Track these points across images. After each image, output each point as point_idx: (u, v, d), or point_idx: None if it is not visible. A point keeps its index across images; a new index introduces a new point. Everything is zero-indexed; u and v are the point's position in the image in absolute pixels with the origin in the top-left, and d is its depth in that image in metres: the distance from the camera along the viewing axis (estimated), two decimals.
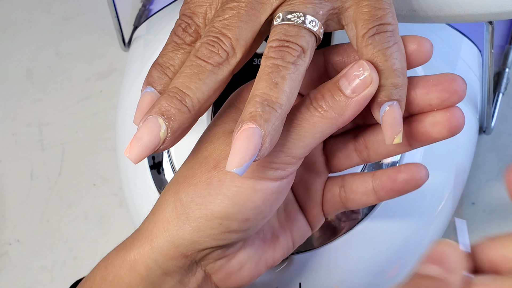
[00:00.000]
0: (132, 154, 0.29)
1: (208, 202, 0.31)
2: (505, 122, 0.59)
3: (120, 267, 0.33)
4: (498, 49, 0.60)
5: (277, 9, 0.31)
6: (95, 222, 0.59)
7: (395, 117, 0.31)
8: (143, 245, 0.32)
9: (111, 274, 0.33)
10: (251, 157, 0.28)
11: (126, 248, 0.33)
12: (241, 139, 0.28)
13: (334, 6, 0.32)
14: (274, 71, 0.29)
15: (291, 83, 0.29)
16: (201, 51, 0.31)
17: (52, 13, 0.71)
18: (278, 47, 0.30)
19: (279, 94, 0.29)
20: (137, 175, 0.49)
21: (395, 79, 0.31)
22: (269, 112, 0.29)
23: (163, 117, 0.30)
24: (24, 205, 0.60)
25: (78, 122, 0.64)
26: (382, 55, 0.30)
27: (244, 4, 0.31)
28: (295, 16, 0.30)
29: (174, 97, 0.30)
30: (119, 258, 0.33)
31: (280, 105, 0.29)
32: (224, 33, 0.31)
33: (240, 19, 0.31)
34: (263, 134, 0.28)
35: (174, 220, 0.32)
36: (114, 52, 0.67)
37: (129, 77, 0.53)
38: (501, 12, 0.37)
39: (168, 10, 0.54)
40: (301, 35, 0.30)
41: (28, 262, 0.58)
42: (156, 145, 0.30)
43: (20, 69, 0.68)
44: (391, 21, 0.31)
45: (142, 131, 0.29)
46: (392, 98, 0.31)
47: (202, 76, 0.30)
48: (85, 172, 0.61)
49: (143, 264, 0.32)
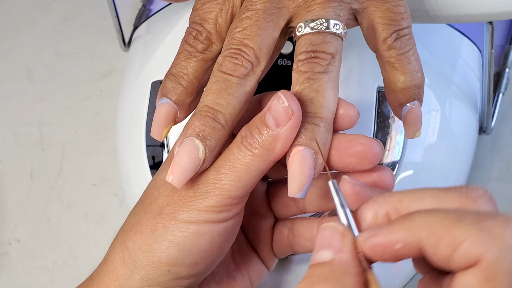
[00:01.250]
0: (174, 179, 0.29)
1: (155, 249, 0.30)
2: (505, 122, 0.59)
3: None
4: (498, 49, 0.60)
5: (295, 14, 0.32)
6: (95, 222, 0.59)
7: (417, 115, 0.33)
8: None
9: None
10: (309, 178, 0.29)
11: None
12: (295, 163, 0.29)
13: (352, 7, 0.32)
14: (307, 87, 0.30)
15: (326, 93, 0.30)
16: (225, 65, 0.30)
17: (52, 13, 0.71)
18: (306, 59, 0.30)
19: (317, 109, 0.30)
20: (137, 175, 0.49)
21: (417, 80, 0.32)
22: (312, 129, 0.30)
23: (199, 137, 0.30)
24: (24, 205, 0.60)
25: (78, 122, 0.64)
26: (405, 58, 0.32)
27: (261, 11, 0.31)
28: (318, 24, 0.31)
29: (207, 115, 0.30)
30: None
31: (321, 118, 0.30)
32: (246, 44, 0.31)
33: (260, 27, 0.31)
34: (313, 153, 0.29)
35: (122, 269, 0.31)
36: (114, 52, 0.67)
37: (129, 77, 0.53)
38: (501, 12, 0.37)
39: (168, 10, 0.54)
40: (328, 41, 0.31)
41: (28, 262, 0.58)
42: (197, 166, 0.30)
43: (20, 69, 0.68)
44: (409, 24, 0.32)
45: (181, 154, 0.29)
46: (414, 99, 0.33)
47: (230, 91, 0.30)
48: (85, 172, 0.61)
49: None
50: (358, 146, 0.30)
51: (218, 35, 0.33)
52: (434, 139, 0.47)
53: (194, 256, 0.30)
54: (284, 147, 0.29)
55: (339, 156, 0.31)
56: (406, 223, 0.25)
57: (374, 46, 0.34)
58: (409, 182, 0.45)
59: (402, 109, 0.34)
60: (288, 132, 0.29)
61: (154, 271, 0.30)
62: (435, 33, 0.50)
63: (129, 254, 0.31)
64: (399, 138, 0.45)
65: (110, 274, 0.32)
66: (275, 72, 0.38)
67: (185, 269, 0.31)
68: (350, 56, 0.45)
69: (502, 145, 0.58)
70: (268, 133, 0.29)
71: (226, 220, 0.31)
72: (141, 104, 0.49)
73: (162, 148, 0.47)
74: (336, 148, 0.31)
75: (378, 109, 0.45)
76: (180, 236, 0.30)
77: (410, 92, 0.33)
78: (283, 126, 0.29)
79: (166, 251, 0.30)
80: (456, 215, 0.24)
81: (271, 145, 0.29)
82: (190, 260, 0.30)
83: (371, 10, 0.32)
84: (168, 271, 0.30)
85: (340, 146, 0.31)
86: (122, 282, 0.31)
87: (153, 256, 0.30)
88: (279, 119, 0.29)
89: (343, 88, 0.46)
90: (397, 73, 0.33)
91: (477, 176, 0.57)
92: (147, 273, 0.31)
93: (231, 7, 0.32)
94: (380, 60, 0.34)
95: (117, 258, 0.32)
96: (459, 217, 0.24)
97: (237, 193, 0.30)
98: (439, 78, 0.49)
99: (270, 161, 0.30)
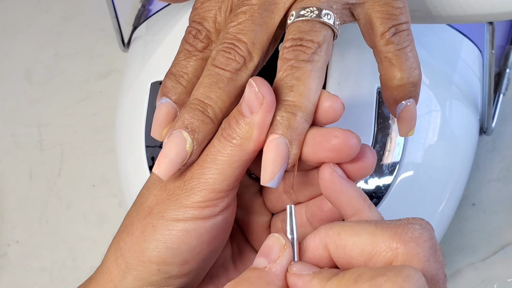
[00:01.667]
0: (160, 171, 0.29)
1: (144, 249, 0.30)
2: (505, 122, 0.59)
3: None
4: (499, 50, 0.60)
5: (290, 7, 0.31)
6: (94, 223, 0.59)
7: (411, 114, 0.33)
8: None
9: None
10: (281, 167, 0.29)
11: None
12: (268, 151, 0.29)
13: (349, 2, 0.32)
14: (289, 74, 0.29)
15: (308, 81, 0.29)
16: (218, 59, 0.30)
17: (51, 14, 0.71)
18: (291, 47, 0.30)
19: (296, 97, 0.29)
20: (136, 176, 0.49)
21: (414, 78, 0.32)
22: (288, 118, 0.29)
23: (187, 130, 0.30)
24: (23, 206, 0.60)
25: (77, 123, 0.64)
26: (403, 53, 0.31)
27: (256, 6, 0.31)
28: (308, 11, 0.30)
29: (196, 108, 0.30)
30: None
31: (299, 108, 0.29)
32: (239, 38, 0.30)
33: (254, 22, 0.31)
34: (288, 142, 0.29)
35: (115, 270, 0.31)
36: (113, 52, 0.67)
37: (129, 78, 0.53)
38: (502, 12, 0.37)
39: (167, 10, 0.54)
40: (316, 29, 0.30)
41: (27, 263, 0.57)
42: (183, 158, 0.30)
43: (19, 70, 0.68)
44: (407, 19, 0.32)
45: (168, 146, 0.29)
46: (410, 96, 0.32)
47: (222, 85, 0.30)
48: (84, 173, 0.61)
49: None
50: (332, 140, 0.29)
51: (218, 33, 0.32)
52: (434, 140, 0.47)
53: (183, 254, 0.30)
54: (260, 134, 0.29)
55: (314, 151, 0.30)
56: (322, 282, 0.26)
57: (371, 42, 0.33)
58: (409, 183, 0.45)
59: (397, 107, 0.33)
60: (262, 117, 0.29)
61: (145, 271, 0.30)
62: (435, 34, 0.50)
63: (121, 255, 0.31)
64: (399, 139, 0.45)
65: (105, 275, 0.32)
66: (275, 67, 0.37)
67: (175, 267, 0.31)
68: (350, 56, 0.45)
69: (502, 146, 0.58)
70: (245, 121, 0.29)
71: (213, 215, 0.30)
72: (140, 105, 0.49)
73: (161, 148, 0.47)
74: (311, 143, 0.30)
75: (378, 110, 0.45)
76: (167, 234, 0.30)
77: (406, 90, 0.32)
78: (256, 113, 0.29)
79: (154, 250, 0.30)
80: (355, 276, 0.25)
81: (248, 133, 0.29)
82: (180, 259, 0.30)
83: (368, 4, 0.32)
84: (159, 270, 0.30)
85: (315, 140, 0.30)
86: (116, 283, 0.31)
87: (143, 256, 0.30)
88: (252, 105, 0.29)
89: (343, 89, 0.46)
90: (394, 69, 0.32)
91: (477, 177, 0.57)
92: (138, 273, 0.31)
93: (230, 5, 0.32)
94: (377, 56, 0.33)
95: (111, 259, 0.32)
96: (357, 278, 0.24)
97: (221, 187, 0.30)
98: (440, 79, 0.49)
99: (250, 150, 0.29)
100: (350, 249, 0.26)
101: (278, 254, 0.27)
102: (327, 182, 0.30)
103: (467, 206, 0.56)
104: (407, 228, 0.26)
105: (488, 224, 0.56)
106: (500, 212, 0.56)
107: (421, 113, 0.46)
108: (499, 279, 0.53)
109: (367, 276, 0.24)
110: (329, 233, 0.27)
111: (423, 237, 0.25)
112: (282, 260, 0.27)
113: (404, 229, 0.26)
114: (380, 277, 0.24)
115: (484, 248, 0.55)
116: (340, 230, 0.27)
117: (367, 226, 0.26)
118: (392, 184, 0.45)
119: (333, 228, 0.27)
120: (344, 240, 0.27)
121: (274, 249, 0.27)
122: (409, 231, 0.25)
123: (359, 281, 0.24)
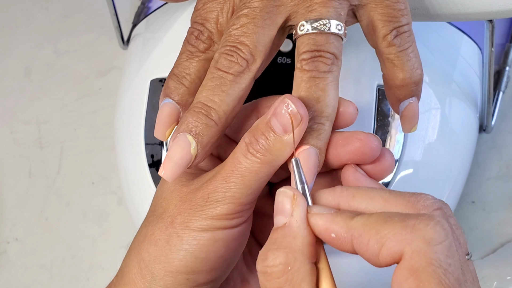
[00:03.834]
0: (166, 173, 0.30)
1: (171, 260, 0.30)
2: (505, 120, 0.59)
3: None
4: (499, 48, 0.60)
5: (294, 12, 0.32)
6: (94, 221, 0.59)
7: (414, 111, 0.34)
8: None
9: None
10: (313, 176, 0.30)
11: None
12: (302, 162, 0.29)
13: (352, 4, 0.32)
14: (313, 85, 0.30)
15: (331, 92, 0.30)
16: (221, 62, 0.31)
17: (50, 11, 0.71)
18: (311, 58, 0.31)
19: (323, 107, 0.30)
20: (136, 173, 0.49)
21: (416, 77, 0.33)
22: (318, 129, 0.30)
23: (192, 134, 0.30)
24: (23, 203, 0.60)
25: (76, 120, 0.64)
26: (404, 55, 0.32)
27: (258, 9, 0.31)
28: (321, 24, 0.31)
29: (200, 112, 0.30)
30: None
31: (327, 117, 0.30)
32: (242, 41, 0.31)
33: (256, 25, 0.31)
34: (318, 152, 0.30)
35: (140, 282, 0.31)
36: (112, 50, 0.67)
37: (128, 75, 0.53)
38: (502, 10, 0.37)
39: (167, 8, 0.53)
40: (331, 42, 0.31)
41: (26, 261, 0.57)
42: (188, 161, 0.30)
43: (18, 67, 0.68)
44: (408, 21, 0.33)
45: (173, 150, 0.30)
46: (412, 95, 0.33)
47: (225, 88, 0.30)
48: (83, 171, 0.61)
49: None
50: (356, 142, 0.31)
51: (220, 34, 0.33)
52: (434, 138, 0.47)
53: (211, 262, 0.31)
54: (292, 150, 0.30)
55: (337, 154, 0.31)
56: (346, 220, 0.26)
57: (373, 43, 0.34)
58: (409, 180, 0.45)
59: (400, 105, 0.34)
60: (298, 136, 0.29)
61: (173, 281, 0.31)
62: (435, 31, 0.50)
63: (145, 266, 0.31)
64: (399, 136, 0.45)
65: (128, 287, 0.32)
66: (274, 70, 0.37)
67: (203, 275, 0.31)
68: (350, 54, 0.45)
69: (502, 144, 0.58)
70: (276, 139, 0.29)
71: (239, 224, 0.31)
72: (140, 102, 0.49)
73: (161, 146, 0.47)
74: (334, 146, 0.31)
75: (378, 108, 0.45)
76: (195, 244, 0.30)
77: (408, 89, 0.33)
78: (291, 132, 0.29)
79: (183, 260, 0.30)
80: (385, 216, 0.25)
81: (279, 151, 0.30)
82: (208, 267, 0.31)
83: (371, 6, 0.32)
84: (187, 279, 0.31)
85: (338, 143, 0.31)
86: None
87: (170, 266, 0.31)
88: (286, 124, 0.29)
89: (343, 87, 0.46)
90: (397, 70, 0.33)
91: (477, 174, 0.57)
92: (165, 283, 0.31)
93: (232, 6, 0.32)
94: (379, 56, 0.34)
95: (134, 270, 0.32)
96: (387, 218, 0.25)
97: (248, 199, 0.30)
98: (439, 77, 0.49)
99: (277, 166, 0.30)
100: (361, 212, 0.27)
101: (292, 206, 0.27)
102: (351, 182, 0.31)
103: (466, 204, 0.57)
104: (420, 197, 0.27)
105: (488, 221, 0.56)
106: (500, 209, 0.56)
107: (421, 111, 0.46)
108: (499, 277, 0.53)
109: (398, 217, 0.25)
110: (344, 194, 0.28)
111: (434, 205, 0.26)
112: (298, 211, 0.27)
113: (417, 198, 0.27)
114: (413, 219, 0.24)
115: (483, 246, 0.55)
116: (355, 193, 0.28)
117: (381, 192, 0.27)
118: (391, 181, 0.45)
119: (349, 189, 0.28)
120: (358, 202, 0.27)
121: (285, 203, 0.27)
122: (421, 199, 0.26)
123: (389, 221, 0.25)
